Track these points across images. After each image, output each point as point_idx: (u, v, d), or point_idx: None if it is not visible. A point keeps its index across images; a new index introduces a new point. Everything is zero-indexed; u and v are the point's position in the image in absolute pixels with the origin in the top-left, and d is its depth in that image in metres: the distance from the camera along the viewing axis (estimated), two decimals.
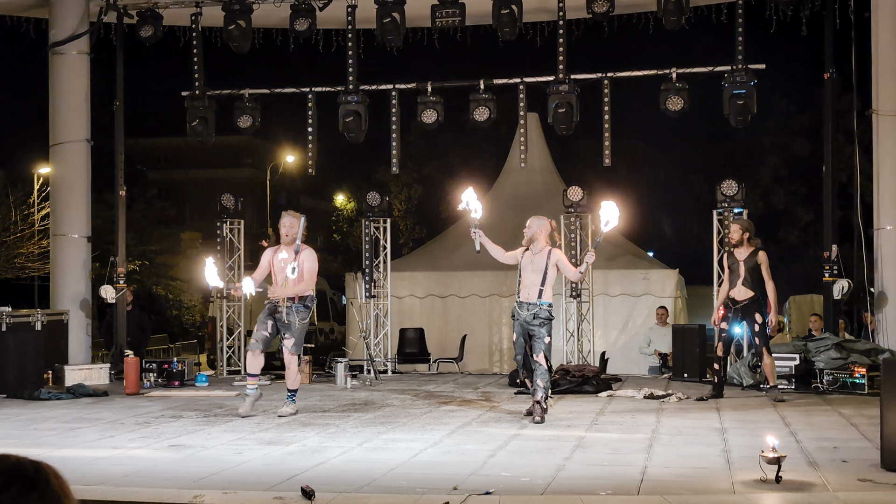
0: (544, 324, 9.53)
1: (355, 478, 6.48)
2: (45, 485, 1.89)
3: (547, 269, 9.56)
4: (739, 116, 14.03)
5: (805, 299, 22.86)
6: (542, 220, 9.88)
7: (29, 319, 13.58)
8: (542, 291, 9.56)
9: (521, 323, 9.64)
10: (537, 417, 9.35)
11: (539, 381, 9.46)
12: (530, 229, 9.79)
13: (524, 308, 9.61)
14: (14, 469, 1.89)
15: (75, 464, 7.12)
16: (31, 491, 1.87)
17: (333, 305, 24.96)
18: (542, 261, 9.59)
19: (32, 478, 1.89)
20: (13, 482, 1.87)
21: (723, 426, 9.03)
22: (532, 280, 9.61)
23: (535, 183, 19.17)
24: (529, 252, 9.74)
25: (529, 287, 9.61)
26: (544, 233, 9.77)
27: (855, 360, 11.96)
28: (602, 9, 14.09)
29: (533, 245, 9.73)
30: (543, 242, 9.74)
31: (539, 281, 9.57)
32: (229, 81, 16.09)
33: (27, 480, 1.89)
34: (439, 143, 39.22)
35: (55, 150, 15.78)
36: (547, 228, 9.80)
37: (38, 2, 15.73)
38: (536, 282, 9.58)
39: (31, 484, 1.88)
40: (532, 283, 9.60)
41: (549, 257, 9.59)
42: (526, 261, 9.72)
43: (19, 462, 1.91)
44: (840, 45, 14.20)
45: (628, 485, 6.23)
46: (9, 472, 1.88)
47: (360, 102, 15.10)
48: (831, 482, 6.22)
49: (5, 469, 1.89)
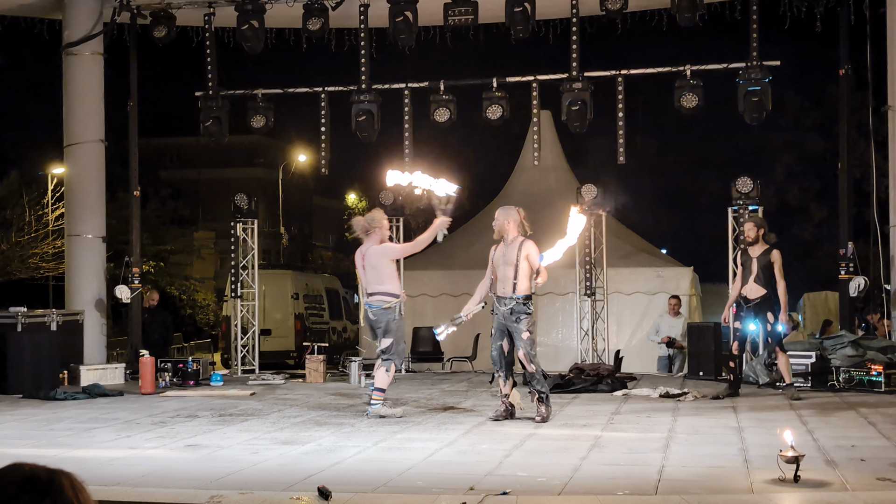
0: (520, 318, 9.33)
1: (371, 478, 6.47)
2: (59, 494, 1.87)
3: (518, 262, 9.35)
4: (754, 113, 13.99)
5: (819, 296, 22.79)
6: (508, 210, 9.67)
7: (44, 320, 13.62)
8: (515, 285, 9.36)
9: (499, 318, 9.50)
10: (538, 417, 9.29)
11: (536, 386, 9.37)
12: (497, 222, 9.62)
13: (501, 303, 9.44)
14: (27, 478, 1.88)
15: (92, 464, 7.14)
16: (44, 500, 1.86)
17: (346, 304, 24.97)
18: (513, 253, 9.41)
19: (45, 487, 1.88)
20: (25, 492, 1.86)
21: (740, 425, 8.99)
22: (505, 273, 9.43)
23: (548, 181, 19.13)
24: (502, 244, 9.58)
25: (504, 281, 9.44)
26: (513, 222, 9.53)
27: (871, 358, 11.89)
28: (616, 6, 14.06)
29: (505, 236, 9.56)
30: (514, 233, 9.52)
31: (512, 274, 9.38)
32: (242, 81, 16.14)
33: (40, 490, 1.87)
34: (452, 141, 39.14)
35: (69, 151, 15.83)
36: (515, 217, 9.56)
37: (52, 3, 15.77)
38: (510, 275, 9.40)
39: (43, 493, 1.87)
40: (506, 277, 9.43)
41: (520, 249, 9.38)
42: (499, 254, 9.57)
43: (33, 471, 1.89)
44: (855, 41, 14.15)
45: (646, 485, 6.20)
46: (21, 482, 1.87)
47: (372, 101, 15.11)
48: (850, 481, 6.18)
49: (18, 478, 1.87)
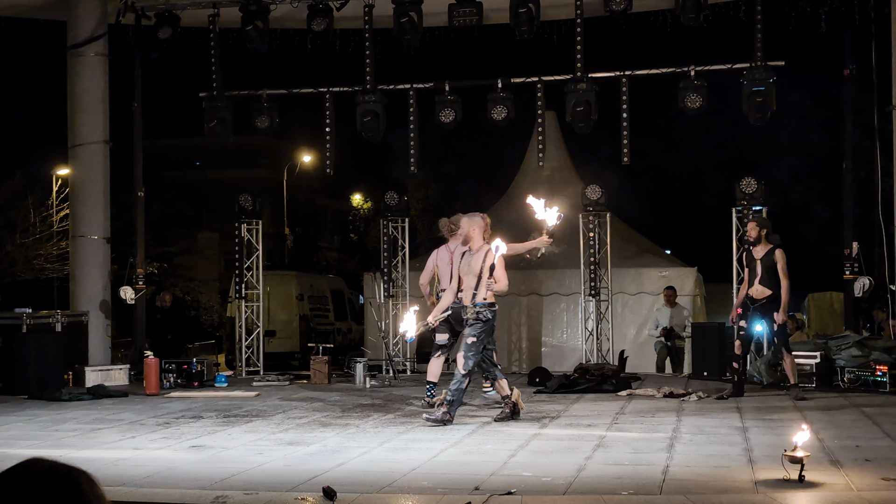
0: (473, 324, 9.30)
1: (376, 478, 6.48)
2: (77, 487, 1.90)
3: (481, 273, 9.28)
4: (758, 114, 13.96)
5: (824, 297, 22.74)
6: (472, 217, 9.61)
7: (49, 321, 13.64)
8: (474, 294, 9.31)
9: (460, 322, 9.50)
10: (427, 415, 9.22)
11: (452, 387, 9.26)
12: (462, 230, 9.61)
13: (465, 311, 9.42)
14: (47, 471, 1.91)
15: (97, 465, 7.14)
16: (61, 495, 1.88)
17: (351, 305, 24.98)
18: (477, 263, 9.35)
19: (64, 480, 1.90)
20: (45, 484, 1.88)
21: (744, 425, 8.99)
22: (468, 283, 9.38)
23: (552, 181, 19.10)
24: (468, 253, 9.53)
25: (467, 290, 9.40)
26: (477, 230, 9.47)
27: (876, 358, 11.88)
28: (620, 7, 14.05)
29: (471, 244, 9.50)
30: (480, 240, 9.45)
31: (474, 283, 9.33)
32: (247, 82, 16.14)
33: (59, 482, 1.90)
34: (456, 142, 39.14)
35: (74, 152, 15.85)
36: (479, 224, 9.49)
37: (57, 4, 15.80)
38: (472, 284, 9.35)
39: (62, 486, 1.89)
40: (468, 286, 9.38)
41: (484, 259, 9.30)
42: (464, 262, 9.54)
43: (53, 465, 1.92)
44: (860, 41, 14.13)
45: (650, 484, 6.20)
46: (42, 474, 1.90)
47: (377, 102, 15.11)
48: (854, 481, 6.18)
49: (39, 470, 1.90)
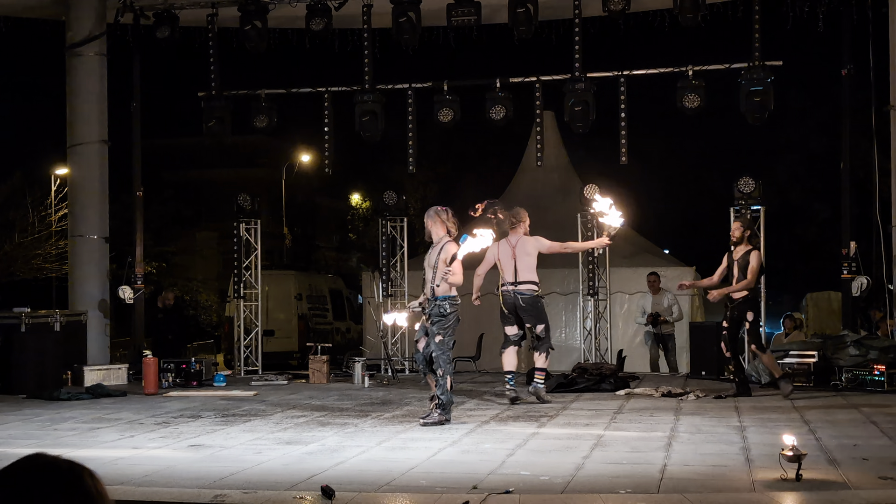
0: (436, 321, 9.25)
1: (374, 477, 6.48)
2: (78, 483, 1.91)
3: (437, 265, 9.23)
4: (756, 113, 13.98)
5: (822, 296, 22.77)
6: (429, 212, 9.56)
7: (48, 320, 13.66)
8: (433, 289, 9.24)
9: (425, 320, 9.45)
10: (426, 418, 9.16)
11: (438, 391, 9.18)
12: (426, 227, 9.56)
13: (428, 304, 9.37)
14: (49, 466, 1.92)
15: (96, 464, 7.12)
16: (64, 489, 1.90)
17: (350, 305, 24.97)
18: (434, 256, 9.33)
19: (66, 475, 1.92)
20: (47, 479, 1.90)
21: (742, 424, 9.00)
22: (429, 276, 9.35)
23: (551, 181, 19.12)
24: (432, 247, 9.51)
25: (428, 283, 9.35)
26: (438, 224, 9.41)
27: (874, 358, 11.89)
28: (618, 7, 14.07)
29: (435, 239, 9.46)
30: (441, 233, 9.39)
31: (431, 277, 9.30)
32: (245, 82, 16.16)
33: (61, 477, 1.91)
34: (455, 141, 39.15)
35: (72, 152, 15.85)
36: (435, 219, 9.43)
37: (55, 4, 15.81)
38: (430, 277, 9.32)
39: (63, 482, 1.91)
40: (429, 280, 9.35)
41: (440, 252, 9.25)
42: (427, 257, 9.54)
43: (55, 460, 1.94)
44: (857, 40, 14.15)
45: (648, 483, 6.22)
46: (44, 469, 1.91)
47: (376, 102, 15.13)
48: (852, 480, 6.19)
49: (41, 465, 1.92)
